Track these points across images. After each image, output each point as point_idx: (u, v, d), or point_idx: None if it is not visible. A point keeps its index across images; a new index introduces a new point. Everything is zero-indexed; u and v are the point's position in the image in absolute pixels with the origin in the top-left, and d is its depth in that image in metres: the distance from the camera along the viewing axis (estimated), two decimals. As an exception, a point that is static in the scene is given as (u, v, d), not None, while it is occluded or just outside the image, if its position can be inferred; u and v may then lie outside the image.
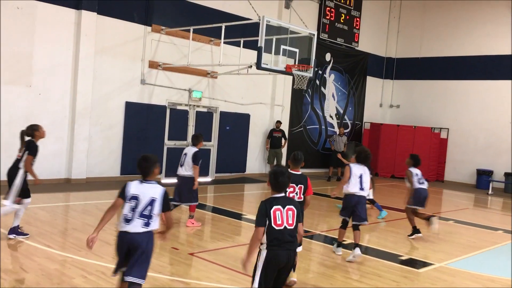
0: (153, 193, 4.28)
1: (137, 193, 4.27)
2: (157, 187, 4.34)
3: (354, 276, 6.45)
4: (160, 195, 4.30)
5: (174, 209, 8.66)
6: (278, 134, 16.58)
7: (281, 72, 11.98)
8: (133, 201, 4.26)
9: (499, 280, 6.75)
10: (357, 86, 20.84)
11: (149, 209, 4.26)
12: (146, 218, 4.25)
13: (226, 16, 14.70)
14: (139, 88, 13.45)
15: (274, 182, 4.32)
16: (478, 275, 6.95)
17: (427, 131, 19.95)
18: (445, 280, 6.56)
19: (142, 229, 4.23)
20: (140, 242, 4.23)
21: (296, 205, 4.32)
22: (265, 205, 4.24)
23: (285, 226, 4.17)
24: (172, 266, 6.29)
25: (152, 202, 4.26)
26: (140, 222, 4.24)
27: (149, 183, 4.35)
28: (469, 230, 10.43)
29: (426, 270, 7.00)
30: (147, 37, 13.42)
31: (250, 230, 8.87)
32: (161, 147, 13.97)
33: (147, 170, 4.38)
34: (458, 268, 7.20)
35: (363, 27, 20.52)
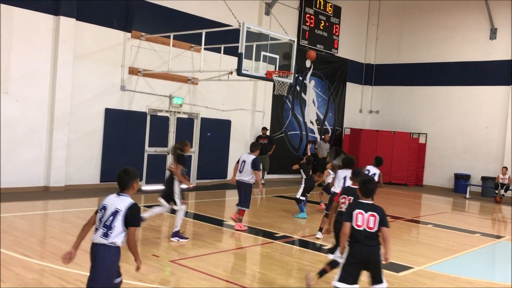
0: (119, 204, 4.11)
1: (106, 203, 4.17)
2: (125, 200, 4.14)
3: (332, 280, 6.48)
4: (125, 208, 4.08)
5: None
6: (265, 141, 16.60)
7: (261, 78, 12.04)
8: (102, 211, 4.16)
9: (477, 283, 6.87)
10: (337, 92, 21.05)
11: (110, 219, 4.08)
12: (105, 228, 4.07)
13: (206, 22, 14.72)
14: (119, 95, 13.35)
15: (364, 188, 4.99)
16: (456, 278, 7.06)
17: (406, 136, 20.23)
18: (424, 284, 6.65)
19: (101, 240, 4.09)
20: (96, 254, 4.11)
21: (380, 212, 4.90)
22: (351, 206, 5.08)
23: (365, 228, 4.82)
24: (152, 274, 6.24)
25: (115, 213, 4.08)
26: (100, 232, 4.09)
27: (122, 195, 4.20)
28: (447, 234, 10.59)
29: (405, 273, 7.08)
30: (127, 43, 13.35)
31: (231, 236, 8.89)
32: (142, 154, 13.87)
33: (126, 183, 4.23)
34: (437, 271, 7.30)
35: (343, 34, 20.76)
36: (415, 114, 20.96)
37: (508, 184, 16.80)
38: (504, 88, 18.68)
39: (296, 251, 8.14)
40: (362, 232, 4.82)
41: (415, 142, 20.42)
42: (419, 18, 21.05)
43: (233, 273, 6.52)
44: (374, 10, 22.31)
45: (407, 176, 20.07)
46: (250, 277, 6.50)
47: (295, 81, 17.93)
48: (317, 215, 11.32)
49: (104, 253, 4.08)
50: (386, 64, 22.06)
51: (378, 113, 22.30)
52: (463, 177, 18.94)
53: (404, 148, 20.08)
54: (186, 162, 8.30)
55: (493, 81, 18.95)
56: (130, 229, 4.12)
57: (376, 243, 4.89)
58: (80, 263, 6.33)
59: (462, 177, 18.97)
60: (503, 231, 11.92)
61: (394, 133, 20.19)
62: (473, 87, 19.47)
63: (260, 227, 9.79)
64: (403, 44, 21.48)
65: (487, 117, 19.08)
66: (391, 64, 21.87)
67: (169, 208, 8.27)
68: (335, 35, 20.35)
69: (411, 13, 21.27)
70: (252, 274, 6.69)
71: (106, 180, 13.03)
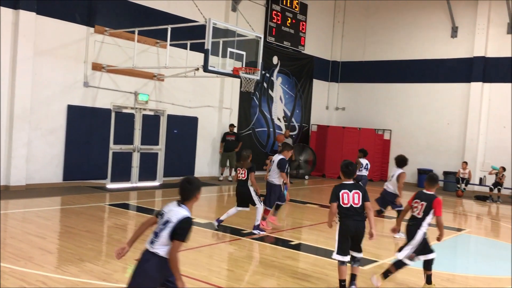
0: (173, 215, 3.93)
1: (165, 210, 4.05)
2: (180, 213, 3.94)
3: (301, 275, 6.54)
4: (177, 220, 3.89)
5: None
6: (232, 138, 16.58)
7: (228, 75, 12.00)
8: (159, 217, 4.06)
9: (438, 275, 7.04)
10: (304, 89, 21.20)
11: (160, 228, 3.96)
12: (154, 235, 3.97)
13: (172, 18, 14.54)
14: (82, 91, 13.05)
15: (346, 170, 5.75)
16: (419, 270, 7.20)
17: (371, 133, 20.58)
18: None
19: (148, 246, 3.99)
20: (141, 258, 4.01)
21: (362, 189, 5.72)
22: (336, 188, 5.73)
23: (351, 204, 5.64)
24: (117, 273, 6.14)
25: (166, 223, 3.94)
26: (150, 238, 4.00)
27: (181, 206, 4.00)
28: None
29: (371, 267, 7.20)
30: (89, 38, 13.05)
31: (199, 234, 8.83)
32: (106, 151, 13.61)
33: (188, 194, 4.03)
34: (400, 264, 7.44)
35: (309, 31, 20.91)
36: (380, 110, 21.34)
37: (468, 178, 17.32)
38: (464, 85, 19.23)
39: (264, 248, 8.16)
40: (349, 208, 5.66)
41: (380, 138, 20.79)
42: (383, 17, 21.42)
43: (200, 271, 6.47)
44: (340, 8, 22.57)
45: (372, 172, 20.39)
46: (217, 274, 6.47)
47: (262, 78, 17.96)
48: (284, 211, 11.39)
49: (147, 259, 3.95)
50: (352, 62, 22.36)
51: (344, 110, 22.59)
52: (425, 172, 19.38)
53: (370, 144, 20.36)
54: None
55: (454, 79, 19.49)
56: (174, 243, 3.90)
57: (362, 218, 5.74)
58: (41, 264, 6.17)
59: (425, 172, 19.42)
60: (463, 224, 12.29)
61: (360, 129, 20.50)
62: (435, 84, 19.98)
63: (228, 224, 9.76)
64: (368, 42, 21.82)
65: (448, 114, 19.62)
66: (356, 62, 22.19)
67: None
68: (302, 32, 20.48)
69: (376, 12, 21.62)
70: (218, 271, 6.66)
71: (69, 179, 12.73)
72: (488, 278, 7.09)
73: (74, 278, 5.81)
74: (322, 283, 6.27)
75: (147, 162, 14.71)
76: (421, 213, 6.08)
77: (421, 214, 6.08)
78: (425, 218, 6.04)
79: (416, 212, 6.10)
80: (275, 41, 19.15)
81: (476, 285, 6.75)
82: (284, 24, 19.52)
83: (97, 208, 10.47)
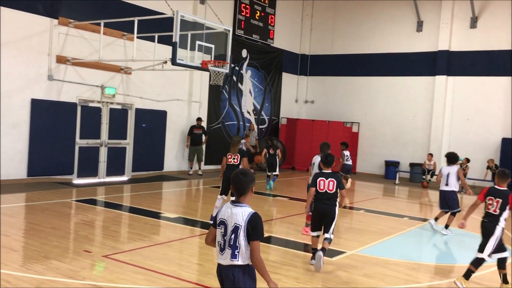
0: (238, 218, 3.58)
1: (225, 218, 3.64)
2: (244, 212, 3.60)
3: (271, 268, 6.58)
4: (245, 221, 3.56)
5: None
6: (199, 131, 16.49)
7: (197, 68, 11.92)
8: (220, 227, 3.63)
9: (404, 264, 7.22)
10: (273, 82, 21.24)
11: (233, 238, 3.57)
12: (230, 247, 3.56)
13: (139, 10, 14.30)
14: (46, 85, 12.70)
15: (325, 160, 6.85)
16: (386, 260, 7.38)
17: (340, 126, 20.82)
18: (356, 267, 6.89)
19: (227, 261, 3.59)
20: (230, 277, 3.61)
21: (337, 178, 6.76)
22: (315, 176, 6.85)
23: (326, 191, 6.69)
24: (84, 270, 6.03)
25: (236, 229, 3.56)
26: (228, 253, 3.58)
27: (239, 205, 3.64)
28: (378, 219, 11.04)
29: (339, 258, 7.31)
30: (53, 30, 12.70)
31: (168, 228, 8.77)
32: (72, 146, 13.31)
33: (245, 187, 3.65)
34: (368, 255, 7.60)
35: (278, 24, 20.93)
36: (348, 103, 21.61)
37: (433, 170, 17.76)
38: (429, 78, 19.65)
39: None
40: (323, 193, 6.70)
41: (348, 131, 21.06)
42: (351, 11, 21.63)
43: (170, 266, 6.43)
44: (308, 1, 22.67)
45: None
46: (186, 269, 6.45)
47: (232, 71, 17.91)
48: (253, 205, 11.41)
49: (239, 276, 3.56)
50: (320, 55, 22.52)
51: (314, 103, 22.77)
52: (392, 164, 19.81)
53: (338, 137, 20.58)
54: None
55: (419, 72, 19.90)
56: (254, 244, 3.52)
57: (333, 203, 6.73)
58: (5, 262, 6.00)
59: (392, 164, 19.84)
60: (429, 214, 12.60)
61: (329, 122, 20.71)
62: (401, 78, 20.35)
63: (197, 218, 9.73)
64: (336, 35, 22.01)
65: (414, 106, 20.03)
66: (325, 55, 22.36)
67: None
68: (271, 25, 20.49)
69: (343, 5, 21.81)
70: (188, 266, 6.64)
71: (34, 174, 12.40)
72: (452, 266, 7.30)
73: (40, 276, 5.69)
74: (291, 275, 6.32)
75: (115, 157, 14.48)
76: (497, 210, 6.13)
77: (497, 211, 6.12)
78: (502, 214, 6.11)
79: (492, 209, 6.14)
80: (244, 34, 19.10)
81: (440, 273, 6.94)
82: (253, 17, 19.48)
83: (63, 204, 10.25)
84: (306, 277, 6.29)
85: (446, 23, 19.16)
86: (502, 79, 18.19)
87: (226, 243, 3.57)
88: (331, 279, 6.30)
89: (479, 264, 6.17)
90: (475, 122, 18.66)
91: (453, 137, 19.16)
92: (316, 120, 21.02)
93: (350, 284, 6.16)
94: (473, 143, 18.51)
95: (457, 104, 19.13)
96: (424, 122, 19.78)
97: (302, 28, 22.72)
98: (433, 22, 19.54)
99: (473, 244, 9.01)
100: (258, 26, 19.78)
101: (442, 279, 6.69)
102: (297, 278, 6.24)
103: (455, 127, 19.15)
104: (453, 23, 19.12)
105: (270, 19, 20.42)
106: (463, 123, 18.97)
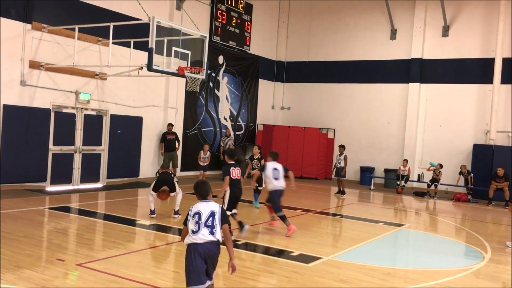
0: (212, 207, 4.82)
1: (201, 210, 4.80)
2: (215, 204, 4.87)
3: (248, 275, 6.58)
4: (218, 209, 4.84)
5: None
6: (172, 137, 16.41)
7: (173, 74, 11.88)
8: (195, 216, 4.76)
9: (379, 269, 7.30)
10: (249, 88, 21.31)
11: (211, 221, 4.75)
12: (209, 228, 4.73)
13: (114, 15, 14.19)
14: (18, 90, 12.47)
15: (230, 154, 8.85)
16: (361, 266, 7.45)
17: (316, 132, 21.00)
18: (332, 272, 6.94)
19: (208, 238, 4.71)
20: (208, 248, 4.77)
21: (241, 167, 8.77)
22: (229, 166, 8.56)
23: (236, 177, 8.53)
24: (57, 279, 5.92)
25: (212, 215, 4.77)
26: (206, 231, 4.72)
27: (209, 201, 4.87)
28: (353, 224, 11.16)
29: (315, 264, 7.35)
30: (26, 35, 12.49)
31: (143, 236, 8.69)
32: (46, 153, 13.06)
33: (208, 191, 4.90)
34: (343, 260, 7.66)
35: (254, 31, 21.04)
36: (324, 110, 21.82)
37: (408, 175, 18.05)
38: (402, 85, 20.02)
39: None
40: (236, 180, 8.54)
41: (324, 137, 21.25)
42: (326, 18, 21.90)
43: (145, 274, 6.37)
44: (284, 8, 22.86)
45: (317, 170, 20.86)
46: (162, 277, 6.39)
47: (208, 78, 17.86)
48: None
49: (212, 247, 4.74)
50: (296, 62, 22.71)
51: (290, 109, 22.91)
52: (367, 170, 20.05)
53: (314, 143, 20.83)
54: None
55: (393, 79, 20.26)
56: (225, 226, 4.84)
57: (241, 187, 8.68)
58: (-26, 273, 5.84)
59: (367, 169, 20.08)
60: (404, 220, 12.80)
61: (305, 128, 20.86)
62: (375, 85, 20.68)
63: (173, 225, 9.66)
64: (312, 43, 22.24)
65: (388, 113, 20.36)
66: (301, 62, 22.56)
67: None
68: (247, 32, 20.57)
69: (319, 13, 22.06)
70: (164, 273, 6.58)
71: (5, 181, 12.11)
72: (426, 271, 7.42)
73: (11, 286, 5.56)
74: (268, 281, 6.33)
75: (90, 164, 14.27)
76: None
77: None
78: None
79: None
80: (221, 40, 19.12)
81: (415, 278, 7.05)
82: (229, 24, 19.53)
83: (35, 212, 10.04)
84: (283, 284, 6.31)
85: (418, 32, 19.58)
86: (472, 87, 18.67)
87: (201, 225, 4.69)
88: (307, 284, 6.33)
89: None
90: (447, 128, 19.07)
91: (426, 143, 19.53)
92: (292, 126, 21.15)
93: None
94: (446, 149, 18.90)
95: (429, 111, 19.53)
96: (399, 129, 20.11)
97: (279, 35, 22.89)
98: (407, 31, 19.94)
99: (445, 249, 9.22)
100: (234, 33, 19.83)
101: (417, 283, 6.80)
102: (274, 284, 6.25)
103: (428, 134, 19.53)
104: (426, 31, 19.55)
105: (247, 25, 20.51)
106: (435, 130, 19.36)
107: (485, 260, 8.22)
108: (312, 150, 20.71)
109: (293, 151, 20.46)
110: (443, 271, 7.42)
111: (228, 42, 19.54)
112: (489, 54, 18.28)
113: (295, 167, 20.54)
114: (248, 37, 20.62)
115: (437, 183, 17.18)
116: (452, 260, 8.41)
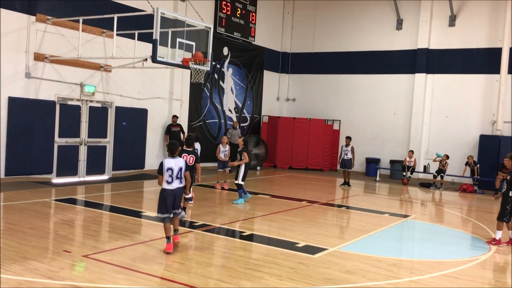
0: (179, 163, 7.03)
1: (172, 165, 6.97)
2: (180, 159, 7.10)
3: (253, 266, 6.58)
4: (183, 163, 7.07)
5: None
6: (176, 128, 16.41)
7: (177, 66, 11.83)
8: (169, 171, 6.90)
9: (385, 260, 7.29)
10: (254, 80, 21.24)
11: (181, 172, 7.02)
12: (178, 177, 7.03)
13: (119, 7, 14.15)
14: (23, 82, 12.48)
15: (187, 142, 9.39)
16: (368, 256, 7.44)
17: (321, 123, 20.93)
18: (337, 264, 6.93)
19: (177, 185, 7.02)
20: (176, 192, 7.09)
21: (195, 154, 9.34)
22: (182, 152, 9.05)
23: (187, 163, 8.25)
24: (63, 271, 5.94)
25: (180, 169, 7.01)
26: (177, 180, 7.04)
27: (176, 158, 7.07)
28: (359, 215, 11.14)
29: (321, 255, 7.35)
30: (31, 27, 12.48)
31: (149, 227, 8.70)
32: (51, 145, 13.10)
33: (175, 150, 7.07)
34: (349, 251, 7.65)
35: (259, 22, 20.92)
36: (329, 101, 21.73)
37: (413, 166, 17.97)
38: (409, 76, 19.89)
39: (216, 239, 8.14)
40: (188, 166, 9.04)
41: (329, 128, 21.18)
42: (331, 9, 21.74)
43: (151, 265, 6.38)
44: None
45: (323, 162, 20.81)
46: (168, 267, 6.40)
47: (213, 69, 17.84)
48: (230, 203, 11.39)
49: (179, 191, 7.12)
50: (301, 53, 22.59)
51: (295, 101, 22.83)
52: (373, 161, 19.99)
53: (319, 135, 20.77)
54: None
55: (398, 70, 20.12)
56: (187, 172, 7.20)
57: (192, 173, 8.97)
58: (-19, 264, 5.87)
59: (373, 161, 20.02)
60: (409, 211, 12.76)
61: (310, 120, 20.80)
62: (381, 75, 20.55)
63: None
64: (317, 34, 22.10)
65: (394, 104, 20.25)
66: (306, 53, 22.44)
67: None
68: (252, 23, 20.46)
69: (324, 4, 21.90)
70: (170, 265, 6.59)
71: (12, 174, 12.18)
72: (432, 262, 7.40)
73: (18, 277, 5.59)
74: (274, 273, 6.33)
75: (95, 156, 14.30)
76: None
77: None
78: None
79: None
80: (225, 31, 19.04)
81: (421, 269, 7.02)
82: (234, 15, 19.43)
83: (42, 204, 10.08)
84: (288, 275, 6.30)
85: (425, 22, 19.40)
86: (479, 77, 18.51)
87: (174, 178, 6.95)
88: (313, 275, 6.32)
89: None
90: (454, 119, 18.95)
91: (432, 134, 19.43)
92: (298, 117, 21.08)
93: (332, 281, 6.19)
94: (452, 140, 18.80)
95: (436, 102, 19.40)
96: (405, 120, 20.00)
97: (283, 26, 22.76)
98: (413, 21, 19.76)
99: (451, 240, 9.18)
100: (239, 24, 19.74)
101: (422, 274, 6.78)
102: (279, 275, 6.25)
103: (434, 125, 19.41)
104: (432, 21, 19.38)
105: (251, 16, 20.39)
106: (442, 121, 19.25)
107: (492, 251, 8.18)
108: (318, 142, 20.64)
109: (298, 142, 20.42)
110: (449, 262, 7.39)
111: (233, 33, 19.46)
112: (496, 44, 18.10)
113: (300, 159, 20.55)
114: (253, 28, 20.52)
115: (443, 174, 17.10)
116: (458, 251, 8.38)
